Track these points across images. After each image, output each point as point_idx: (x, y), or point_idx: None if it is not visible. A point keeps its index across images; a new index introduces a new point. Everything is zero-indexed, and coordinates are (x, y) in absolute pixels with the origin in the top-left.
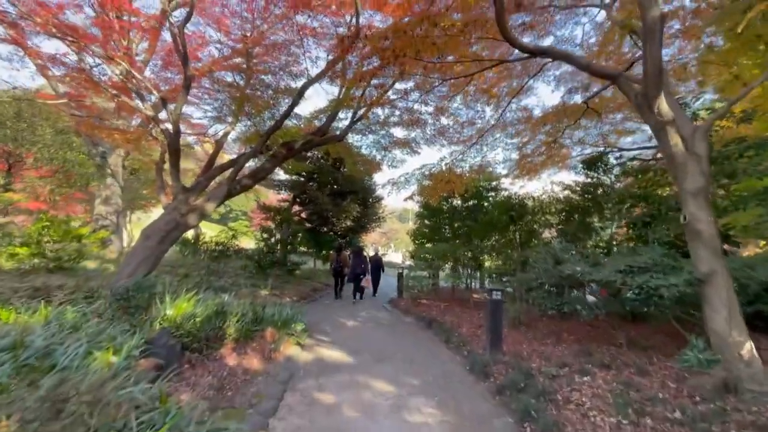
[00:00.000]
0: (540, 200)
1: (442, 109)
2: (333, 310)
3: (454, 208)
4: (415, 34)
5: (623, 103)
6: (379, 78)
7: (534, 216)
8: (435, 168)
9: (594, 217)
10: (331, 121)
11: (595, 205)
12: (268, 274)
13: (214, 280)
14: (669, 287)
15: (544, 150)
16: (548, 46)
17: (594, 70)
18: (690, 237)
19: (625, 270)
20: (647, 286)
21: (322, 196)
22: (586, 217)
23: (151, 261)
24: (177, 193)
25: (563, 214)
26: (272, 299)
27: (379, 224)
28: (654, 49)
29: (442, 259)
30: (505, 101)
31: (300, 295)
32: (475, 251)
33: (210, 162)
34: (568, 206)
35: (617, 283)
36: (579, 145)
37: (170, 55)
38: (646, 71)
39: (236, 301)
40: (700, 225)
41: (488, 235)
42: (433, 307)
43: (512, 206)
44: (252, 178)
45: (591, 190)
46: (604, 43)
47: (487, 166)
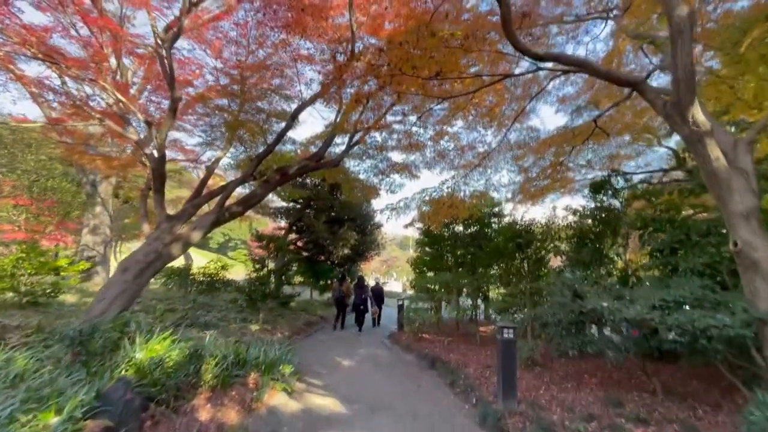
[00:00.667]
0: (548, 226)
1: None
2: (328, 347)
3: (456, 235)
4: (412, 46)
5: (630, 123)
6: (375, 100)
7: (543, 243)
8: (436, 192)
9: (606, 243)
10: (328, 145)
11: (610, 230)
12: (259, 307)
13: (201, 314)
14: (722, 328)
15: (549, 173)
16: (559, 53)
17: (614, 77)
18: (744, 268)
19: (661, 305)
20: (694, 326)
21: (318, 224)
22: (599, 244)
23: (128, 296)
24: (161, 221)
25: (574, 241)
26: (262, 335)
27: (378, 252)
28: (684, 50)
29: (444, 290)
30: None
31: (293, 329)
32: (480, 281)
33: (199, 189)
34: (579, 232)
35: (655, 322)
36: (585, 168)
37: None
38: (676, 77)
39: (220, 340)
40: (757, 254)
41: (493, 263)
42: (436, 342)
43: (519, 233)
44: (242, 204)
45: (603, 214)
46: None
47: (490, 189)
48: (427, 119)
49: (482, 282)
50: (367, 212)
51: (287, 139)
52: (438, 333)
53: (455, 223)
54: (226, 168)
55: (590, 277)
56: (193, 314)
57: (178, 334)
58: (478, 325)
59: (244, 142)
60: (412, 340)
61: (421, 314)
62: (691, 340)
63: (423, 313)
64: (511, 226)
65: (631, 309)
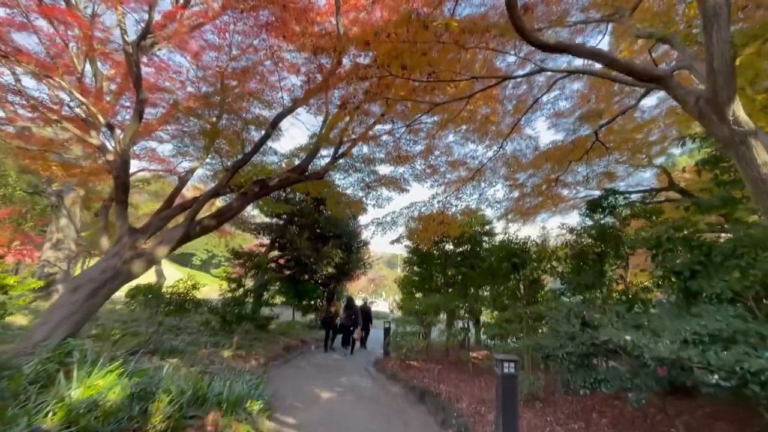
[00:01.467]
0: (544, 245)
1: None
2: (307, 375)
3: (446, 254)
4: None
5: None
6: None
7: (540, 263)
8: (426, 207)
9: (608, 264)
10: (312, 157)
11: (613, 249)
12: (233, 330)
13: (168, 339)
14: None
15: (544, 189)
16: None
17: (637, 71)
18: None
19: (695, 340)
20: (742, 368)
21: (301, 240)
22: (601, 264)
23: (77, 319)
24: (122, 234)
25: (572, 261)
26: (234, 363)
27: (364, 271)
28: (721, 36)
29: (434, 313)
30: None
31: (270, 355)
32: (472, 303)
33: (169, 200)
34: (579, 251)
35: (692, 362)
36: (580, 185)
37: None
38: (711, 69)
39: (183, 370)
40: None
41: (486, 284)
42: (425, 371)
43: (514, 252)
44: (216, 218)
45: (603, 233)
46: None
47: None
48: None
49: (474, 305)
50: (354, 229)
51: (268, 149)
52: (427, 360)
53: (445, 241)
54: (204, 179)
55: (592, 300)
56: (158, 339)
57: (131, 365)
58: (470, 350)
59: (222, 153)
60: (398, 368)
61: (409, 339)
62: (739, 385)
63: (411, 338)
64: (505, 245)
65: (661, 345)
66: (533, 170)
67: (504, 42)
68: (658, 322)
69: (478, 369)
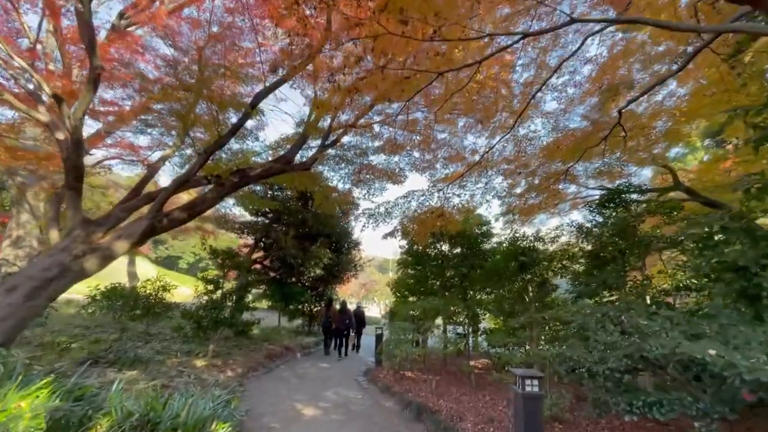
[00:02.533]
0: (555, 241)
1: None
2: (290, 388)
3: (444, 254)
4: None
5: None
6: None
7: (551, 262)
8: (425, 198)
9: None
10: (299, 147)
11: (635, 246)
12: (209, 336)
13: (133, 347)
14: None
15: (551, 183)
16: None
17: None
18: None
19: None
20: None
21: (286, 239)
22: (623, 263)
23: (11, 324)
24: (74, 226)
25: (588, 260)
26: (207, 374)
27: (355, 273)
28: None
29: (432, 318)
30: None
31: (250, 364)
32: (473, 308)
33: (135, 191)
34: (597, 248)
35: None
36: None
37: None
38: None
39: (141, 385)
40: None
41: (490, 287)
42: (421, 383)
43: (521, 250)
44: (188, 210)
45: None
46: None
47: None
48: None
49: (477, 309)
50: (344, 229)
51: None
52: (423, 370)
53: (442, 240)
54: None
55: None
56: (121, 347)
57: (72, 380)
58: (470, 358)
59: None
60: (392, 379)
61: (404, 348)
62: None
63: (406, 347)
64: (512, 243)
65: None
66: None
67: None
68: (734, 331)
69: (480, 380)
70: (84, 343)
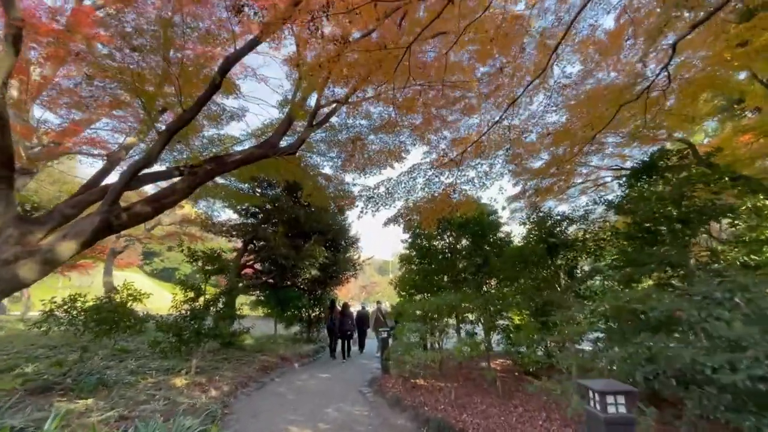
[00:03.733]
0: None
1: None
2: (284, 406)
3: (452, 245)
4: None
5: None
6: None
7: (585, 243)
8: (433, 173)
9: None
10: (284, 130)
11: (698, 216)
12: (191, 351)
13: (103, 367)
14: None
15: (578, 150)
16: None
17: None
18: None
19: None
20: None
21: (275, 237)
22: (683, 235)
23: None
24: (5, 225)
25: (634, 235)
26: (186, 395)
27: (354, 274)
28: None
29: (445, 316)
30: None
31: (239, 380)
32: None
33: (89, 185)
34: (644, 221)
35: None
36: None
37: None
38: None
39: (94, 417)
40: None
41: (512, 276)
42: (438, 393)
43: (550, 231)
44: (152, 203)
45: (682, 196)
46: None
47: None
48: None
49: (498, 303)
50: (341, 225)
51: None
52: (437, 377)
53: (450, 230)
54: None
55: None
56: (83, 369)
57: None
58: (490, 359)
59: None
60: (402, 390)
61: (415, 352)
62: None
63: (418, 352)
64: (538, 223)
65: None
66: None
67: None
68: None
69: (507, 386)
70: (43, 366)
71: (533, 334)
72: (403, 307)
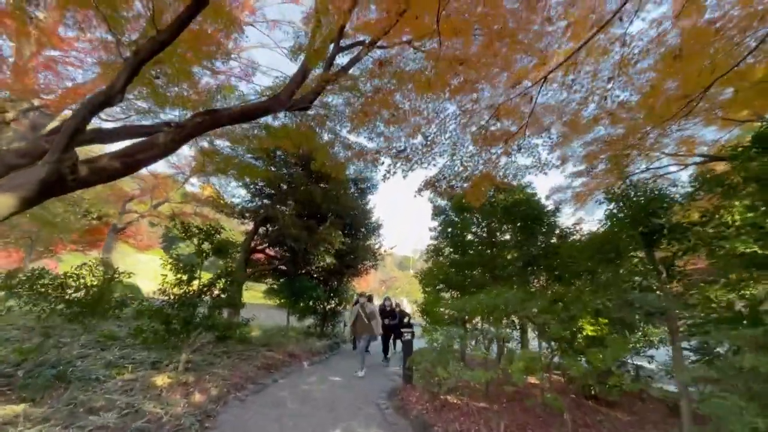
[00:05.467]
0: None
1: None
2: (282, 421)
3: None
4: None
5: None
6: None
7: (705, 224)
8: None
9: None
10: (297, 84)
11: None
12: (180, 343)
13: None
14: None
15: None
16: None
17: None
18: None
19: None
20: None
21: (285, 217)
22: None
23: None
24: None
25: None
26: (168, 397)
27: (375, 264)
28: None
29: (499, 319)
30: None
31: (236, 380)
32: (570, 307)
33: (57, 129)
34: None
35: None
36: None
37: None
38: None
39: (23, 427)
40: None
41: (587, 271)
42: (477, 417)
43: (646, 207)
44: (124, 158)
45: None
46: None
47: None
48: None
49: (573, 307)
50: (361, 208)
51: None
52: (475, 394)
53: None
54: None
55: None
56: (49, 358)
57: None
58: (550, 371)
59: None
60: (430, 408)
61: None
62: None
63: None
64: (632, 201)
65: None
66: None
67: None
68: None
69: (571, 414)
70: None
71: (623, 352)
72: (431, 306)
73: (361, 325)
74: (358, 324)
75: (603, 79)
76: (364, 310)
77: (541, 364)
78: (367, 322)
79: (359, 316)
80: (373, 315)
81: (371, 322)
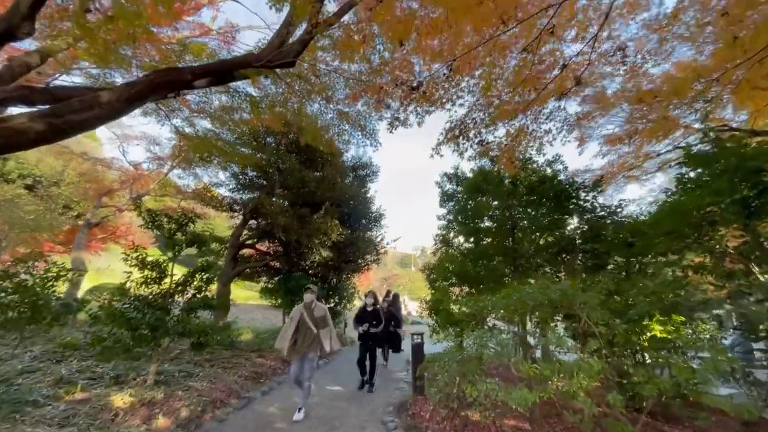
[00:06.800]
0: None
1: None
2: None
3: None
4: None
5: None
6: None
7: None
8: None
9: None
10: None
11: None
12: (152, 350)
13: (25, 370)
14: None
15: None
16: None
17: None
18: None
19: None
20: None
21: (274, 205)
22: None
23: None
24: None
25: None
26: (126, 421)
27: (377, 258)
28: None
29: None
30: None
31: (216, 395)
32: (642, 300)
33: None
34: None
35: None
36: None
37: None
38: None
39: None
40: None
41: (661, 251)
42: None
43: (752, 169)
44: (49, 118)
45: None
46: None
47: None
48: None
49: (637, 299)
50: (360, 196)
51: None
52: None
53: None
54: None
55: None
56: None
57: None
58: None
59: None
60: (449, 428)
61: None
62: None
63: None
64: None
65: None
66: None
67: None
68: None
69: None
70: None
71: (722, 365)
72: (442, 304)
73: (302, 338)
74: (299, 336)
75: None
76: (311, 313)
77: (594, 371)
78: (312, 332)
79: (301, 322)
80: (324, 320)
81: (319, 332)
